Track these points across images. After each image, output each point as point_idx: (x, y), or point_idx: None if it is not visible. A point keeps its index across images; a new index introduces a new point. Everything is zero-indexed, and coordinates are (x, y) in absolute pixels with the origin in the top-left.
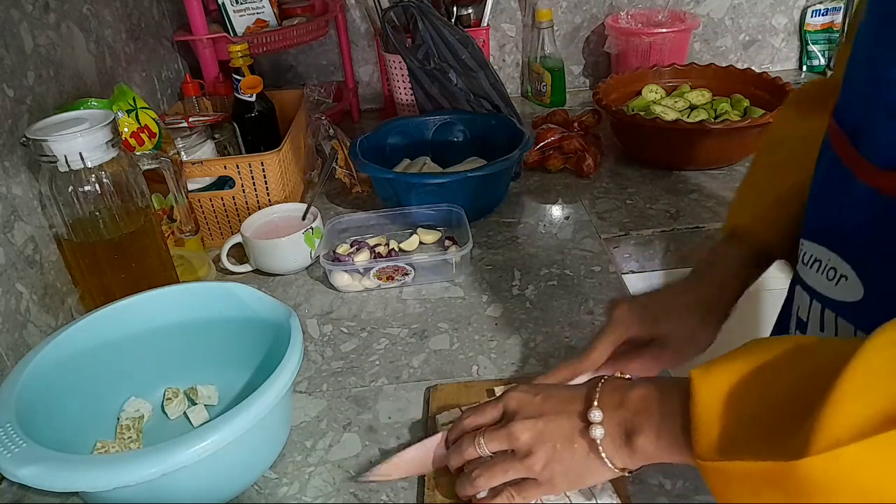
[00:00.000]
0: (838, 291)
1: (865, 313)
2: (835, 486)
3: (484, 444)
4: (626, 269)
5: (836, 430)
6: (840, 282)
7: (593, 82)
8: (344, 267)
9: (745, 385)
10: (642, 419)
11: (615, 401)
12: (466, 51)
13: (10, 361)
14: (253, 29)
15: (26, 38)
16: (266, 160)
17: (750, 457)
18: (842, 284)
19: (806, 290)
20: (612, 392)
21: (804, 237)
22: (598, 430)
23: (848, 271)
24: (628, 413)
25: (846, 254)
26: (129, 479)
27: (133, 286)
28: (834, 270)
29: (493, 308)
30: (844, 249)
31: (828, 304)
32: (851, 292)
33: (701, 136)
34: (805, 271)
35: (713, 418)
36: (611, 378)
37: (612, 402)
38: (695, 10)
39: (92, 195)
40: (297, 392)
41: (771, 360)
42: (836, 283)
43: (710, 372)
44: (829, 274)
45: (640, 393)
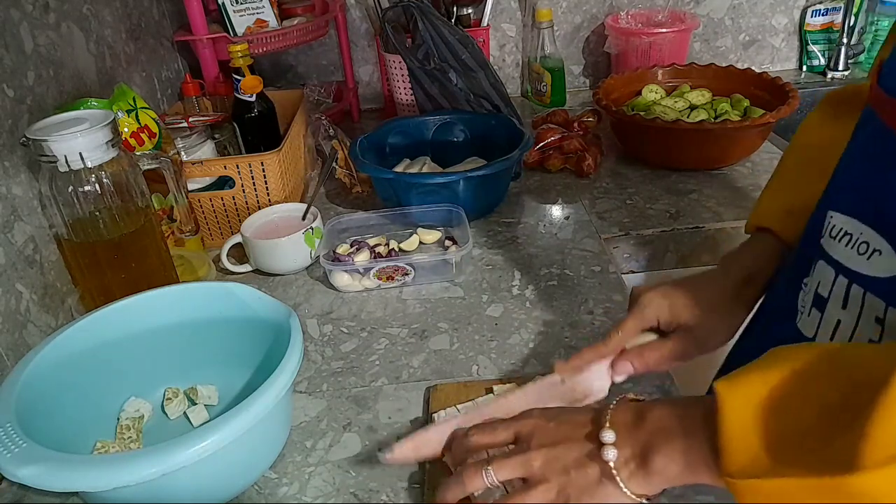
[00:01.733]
0: (870, 266)
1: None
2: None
3: (493, 474)
4: (626, 269)
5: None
6: (873, 256)
7: (593, 82)
8: (344, 267)
9: (777, 397)
10: (660, 439)
11: (628, 420)
12: (466, 51)
13: (10, 361)
14: (253, 29)
15: (26, 38)
16: (266, 160)
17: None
18: (875, 259)
19: (831, 264)
20: (625, 412)
21: (832, 209)
22: (610, 452)
23: (883, 245)
24: (644, 433)
25: (883, 227)
26: (129, 479)
27: (133, 286)
28: (867, 244)
29: (493, 308)
30: (881, 223)
31: (856, 279)
32: (885, 267)
33: (701, 136)
34: (832, 245)
35: (744, 433)
36: (622, 399)
37: (625, 421)
38: (695, 10)
39: (92, 195)
40: (297, 392)
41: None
42: (868, 258)
43: (737, 384)
44: (861, 248)
45: (658, 412)
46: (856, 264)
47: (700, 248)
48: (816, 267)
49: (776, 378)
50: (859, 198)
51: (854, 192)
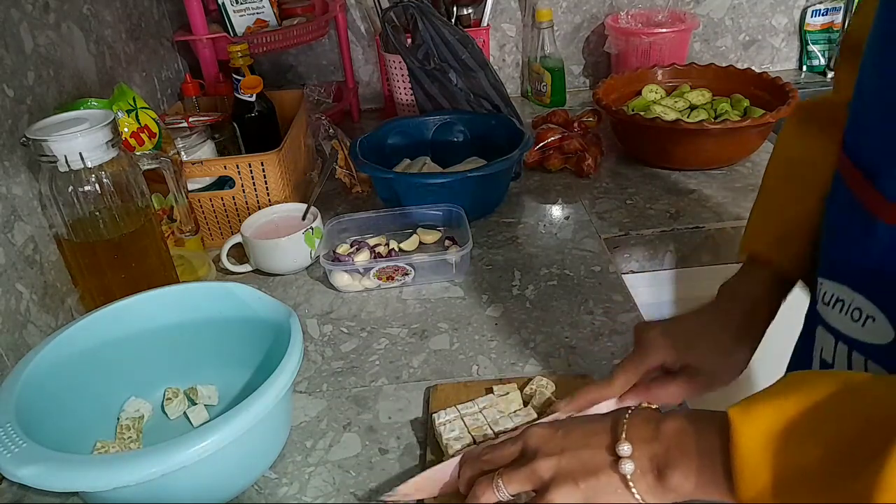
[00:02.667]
0: (866, 333)
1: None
2: None
3: (503, 487)
4: (626, 269)
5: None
6: (867, 323)
7: (593, 82)
8: (344, 267)
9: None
10: (677, 455)
11: (646, 434)
12: (466, 51)
13: (10, 361)
14: (253, 29)
15: (26, 38)
16: (266, 160)
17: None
18: (869, 326)
19: (829, 331)
20: (642, 424)
21: (822, 276)
22: (627, 465)
23: (875, 312)
24: (661, 447)
25: (871, 294)
26: (129, 479)
27: (133, 286)
28: (859, 311)
29: (493, 308)
30: (869, 290)
31: (855, 346)
32: (881, 334)
33: (701, 136)
34: (826, 311)
35: (757, 461)
36: (638, 409)
37: (641, 434)
38: (695, 10)
39: (92, 195)
40: (297, 392)
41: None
42: (862, 325)
43: (751, 411)
44: (854, 315)
45: (674, 426)
46: (852, 331)
47: (700, 248)
48: (818, 333)
49: (791, 408)
50: (846, 266)
51: (839, 261)
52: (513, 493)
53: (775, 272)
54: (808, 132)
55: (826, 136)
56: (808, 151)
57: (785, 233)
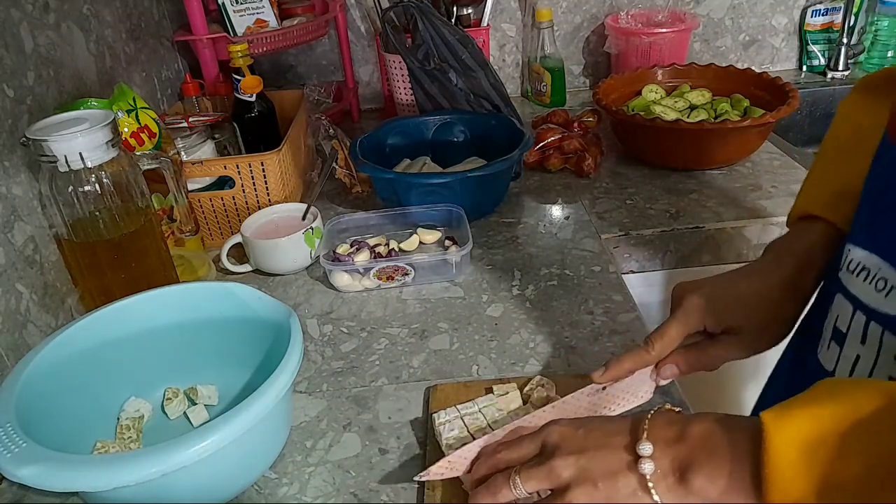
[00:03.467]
0: (888, 304)
1: None
2: None
3: (521, 484)
4: (626, 269)
5: None
6: (891, 293)
7: (593, 82)
8: (344, 267)
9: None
10: (702, 457)
11: (668, 435)
12: (466, 51)
13: (10, 361)
14: (253, 29)
15: (26, 38)
16: (266, 160)
17: None
18: (892, 296)
19: (848, 298)
20: (665, 425)
21: (851, 242)
22: (647, 465)
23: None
24: (685, 449)
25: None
26: (129, 479)
27: (133, 286)
28: (885, 281)
29: (493, 308)
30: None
31: (874, 316)
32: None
33: (701, 136)
34: (849, 279)
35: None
36: (660, 410)
37: (664, 435)
38: (695, 10)
39: (92, 195)
40: (297, 392)
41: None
42: (885, 295)
43: (785, 418)
44: (879, 284)
45: (701, 428)
46: (874, 301)
47: (700, 248)
48: (836, 300)
49: (828, 417)
50: (879, 233)
51: (874, 227)
52: (530, 490)
53: (830, 229)
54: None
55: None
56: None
57: (842, 193)
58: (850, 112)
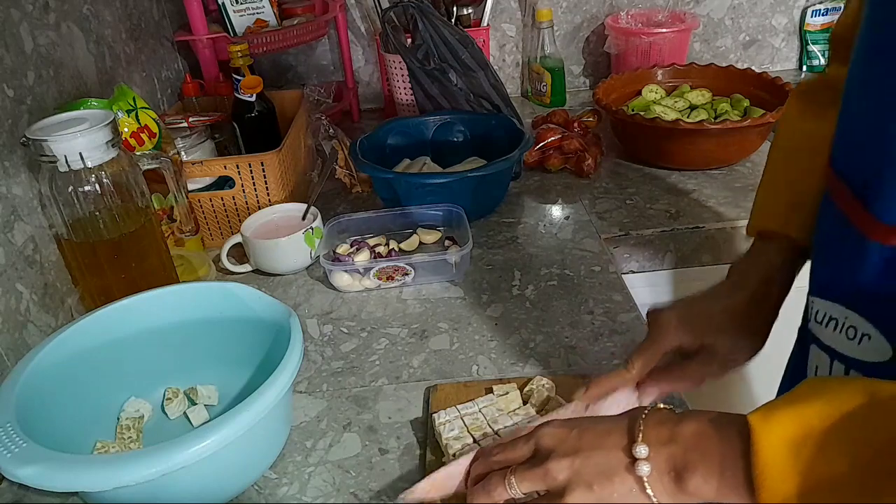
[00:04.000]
0: (862, 351)
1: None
2: None
3: (516, 485)
4: (626, 269)
5: None
6: (863, 341)
7: (593, 82)
8: (344, 267)
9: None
10: (696, 457)
11: (663, 435)
12: (466, 51)
13: (10, 361)
14: (253, 29)
15: (26, 38)
16: (266, 160)
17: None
18: (865, 343)
19: (824, 349)
20: (659, 426)
21: (813, 294)
22: (644, 467)
23: (870, 330)
24: (679, 449)
25: (866, 312)
26: (129, 479)
27: (133, 286)
28: (854, 329)
29: (493, 308)
30: (863, 308)
31: (852, 364)
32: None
33: (701, 136)
34: (820, 330)
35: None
36: (654, 410)
37: (659, 436)
38: (695, 10)
39: (92, 195)
40: (297, 392)
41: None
42: (858, 343)
43: (771, 418)
44: (849, 333)
45: (693, 428)
46: (848, 349)
47: (700, 248)
48: (811, 352)
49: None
50: (837, 284)
51: (831, 279)
52: (525, 491)
53: (786, 247)
54: (809, 112)
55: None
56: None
57: (795, 204)
58: (793, 121)
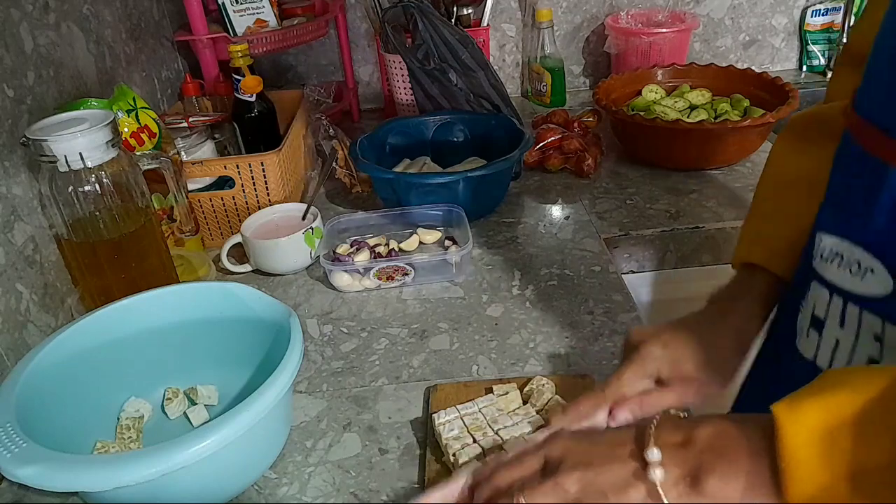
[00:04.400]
0: (864, 286)
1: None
2: None
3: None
4: (626, 269)
5: None
6: (866, 275)
7: (593, 82)
8: (344, 267)
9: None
10: (714, 459)
11: (676, 439)
12: (466, 51)
13: (10, 361)
14: (253, 29)
15: (26, 38)
16: (266, 160)
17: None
18: (868, 278)
19: (824, 285)
20: (673, 430)
21: (821, 231)
22: (657, 472)
23: (874, 264)
24: (695, 452)
25: (872, 246)
26: (129, 479)
27: (133, 286)
28: (858, 264)
29: (493, 308)
30: (870, 242)
31: (851, 298)
32: (879, 285)
33: (701, 136)
34: (824, 267)
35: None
36: (666, 415)
37: (672, 440)
38: (695, 10)
39: (92, 195)
40: (297, 392)
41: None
42: (861, 278)
43: (798, 409)
44: (853, 268)
45: (710, 430)
46: (850, 284)
47: (700, 248)
48: (811, 288)
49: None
50: (848, 219)
51: (842, 215)
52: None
53: (771, 280)
54: (802, 148)
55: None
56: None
57: (783, 241)
58: (786, 155)
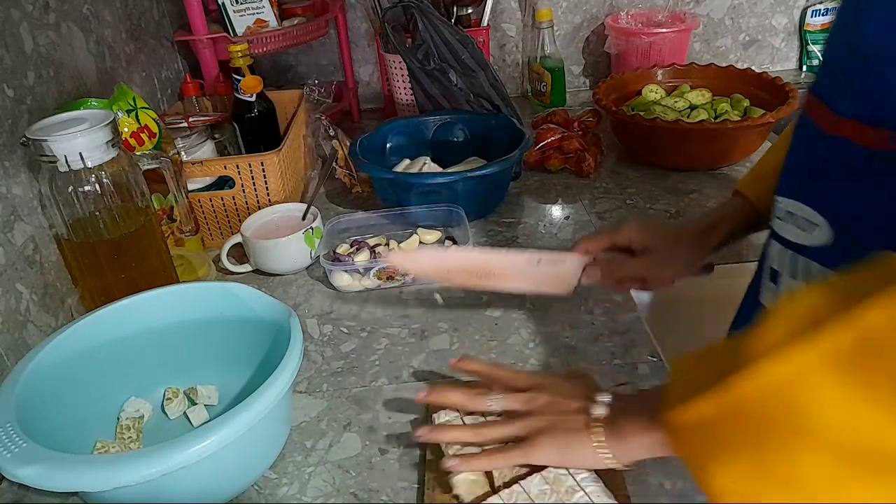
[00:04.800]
0: (810, 238)
1: (835, 254)
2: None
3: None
4: None
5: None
6: (813, 230)
7: (593, 82)
8: (344, 267)
9: (711, 353)
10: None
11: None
12: (466, 51)
13: (10, 361)
14: (253, 29)
15: (26, 38)
16: (266, 160)
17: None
18: (814, 232)
19: (779, 241)
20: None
21: (779, 194)
22: (599, 409)
23: (819, 220)
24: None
25: (817, 204)
26: (129, 479)
27: (133, 286)
28: (806, 220)
29: (493, 308)
30: (815, 201)
31: (800, 251)
32: (822, 237)
33: (701, 136)
34: (780, 225)
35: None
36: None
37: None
38: (695, 10)
39: (92, 195)
40: (297, 392)
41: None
42: (809, 233)
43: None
44: (802, 224)
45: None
46: (799, 238)
47: None
48: (770, 245)
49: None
50: (802, 184)
51: (798, 180)
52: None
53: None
54: None
55: None
56: None
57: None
58: None
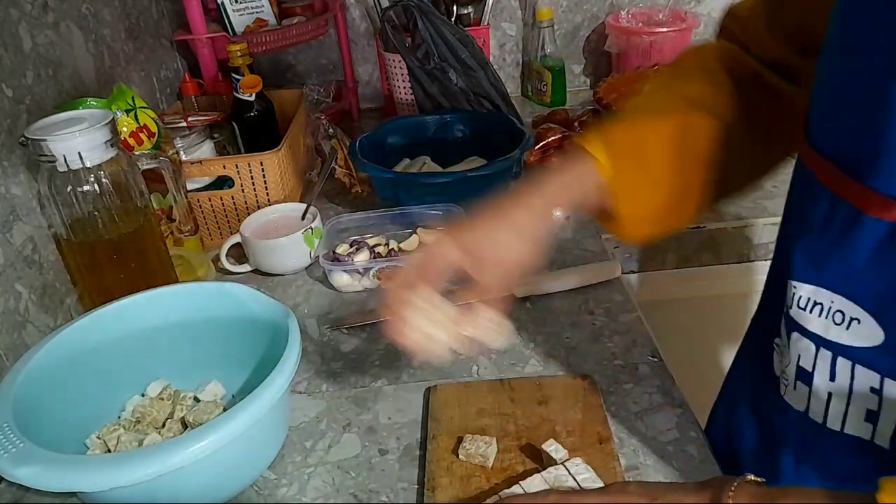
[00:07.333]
0: (851, 336)
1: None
2: None
3: None
4: (626, 269)
5: None
6: (852, 325)
7: (594, 81)
8: (343, 267)
9: None
10: None
11: None
12: (466, 50)
13: (9, 361)
14: (252, 28)
15: (25, 38)
16: (265, 160)
17: None
18: (854, 328)
19: (807, 336)
20: (752, 496)
21: (794, 279)
22: None
23: (859, 313)
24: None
25: (855, 294)
26: (127, 479)
27: (132, 286)
28: (842, 314)
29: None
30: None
31: (839, 350)
32: (868, 336)
33: None
34: (803, 316)
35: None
36: (742, 480)
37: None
38: (695, 10)
39: (91, 195)
40: (297, 392)
41: None
42: (846, 328)
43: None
44: (836, 318)
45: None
46: (835, 335)
47: (700, 249)
48: (793, 339)
49: None
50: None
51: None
52: None
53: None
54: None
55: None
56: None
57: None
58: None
